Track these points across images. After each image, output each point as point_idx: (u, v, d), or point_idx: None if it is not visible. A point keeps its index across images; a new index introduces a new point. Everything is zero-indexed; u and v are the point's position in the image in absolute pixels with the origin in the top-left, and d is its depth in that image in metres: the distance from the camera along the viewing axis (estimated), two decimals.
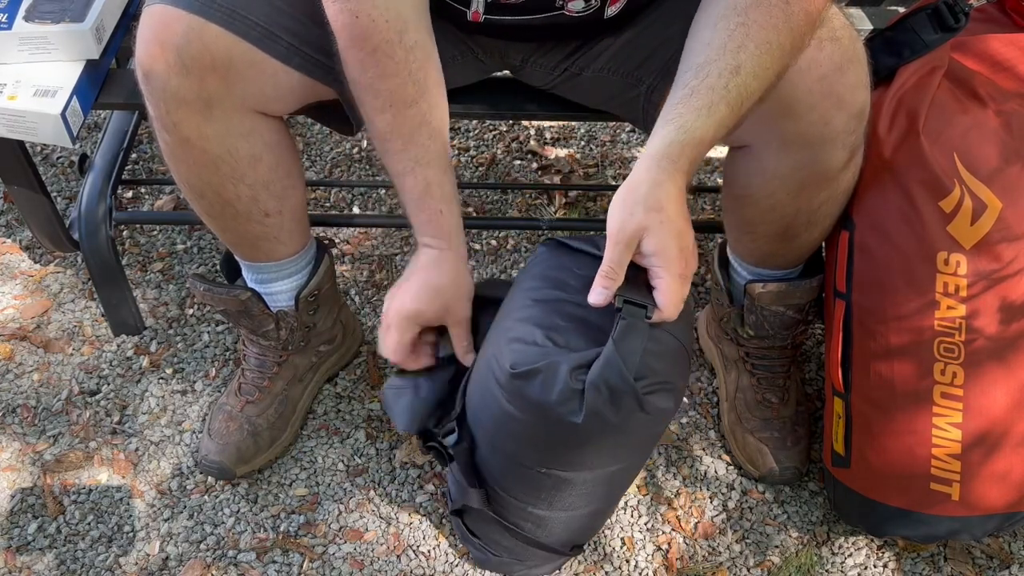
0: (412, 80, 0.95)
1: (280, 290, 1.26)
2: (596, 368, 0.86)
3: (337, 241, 1.66)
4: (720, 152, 1.83)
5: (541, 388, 0.89)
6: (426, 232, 1.02)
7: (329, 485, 1.31)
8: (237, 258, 1.24)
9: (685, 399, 1.42)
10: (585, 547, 1.24)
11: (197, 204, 1.12)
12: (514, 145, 1.87)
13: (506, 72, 1.24)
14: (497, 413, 0.97)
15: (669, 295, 0.87)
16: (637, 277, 0.87)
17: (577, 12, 1.03)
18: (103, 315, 1.50)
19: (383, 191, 1.74)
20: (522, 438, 0.98)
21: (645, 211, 0.83)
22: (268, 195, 1.11)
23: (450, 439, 1.06)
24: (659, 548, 1.26)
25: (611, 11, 1.04)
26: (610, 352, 0.86)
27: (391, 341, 1.06)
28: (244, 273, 1.26)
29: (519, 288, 1.00)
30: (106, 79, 1.26)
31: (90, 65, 1.21)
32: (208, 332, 1.51)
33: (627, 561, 1.24)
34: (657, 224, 0.84)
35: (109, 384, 1.43)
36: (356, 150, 1.85)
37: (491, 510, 1.08)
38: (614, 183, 1.77)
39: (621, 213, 0.84)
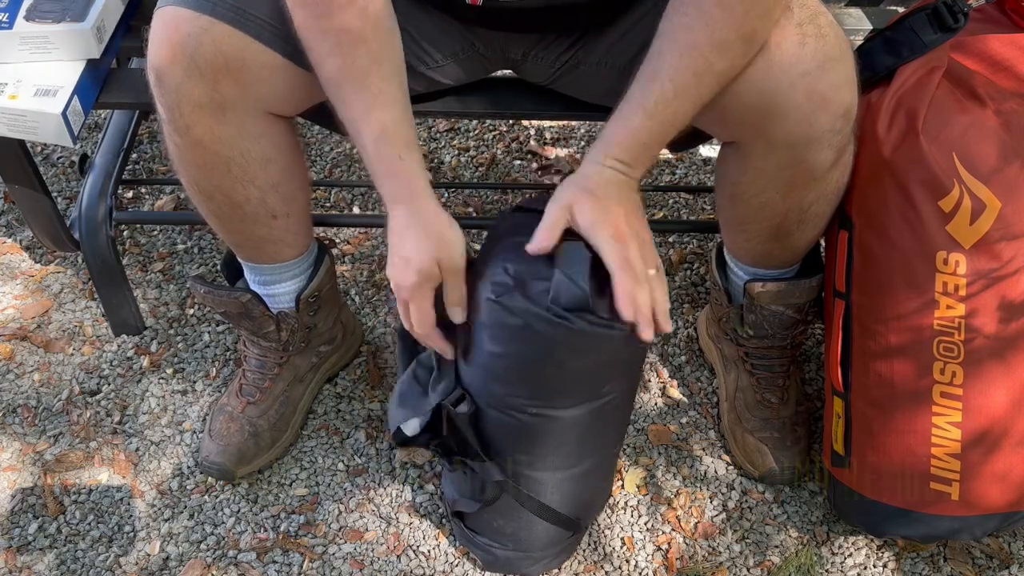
0: (360, 16, 0.91)
1: (282, 292, 1.26)
2: (552, 288, 0.93)
3: (337, 241, 1.66)
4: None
5: (521, 297, 0.94)
6: (390, 187, 0.96)
7: (329, 485, 1.31)
8: (240, 260, 1.24)
9: (685, 399, 1.42)
10: (586, 529, 1.23)
11: (205, 206, 1.11)
12: (514, 145, 1.87)
13: (507, 72, 1.23)
14: (486, 361, 1.00)
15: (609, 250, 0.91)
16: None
17: None
18: (103, 315, 1.50)
19: None
20: (509, 374, 1.00)
21: (573, 191, 0.94)
22: (277, 198, 1.11)
23: (462, 407, 1.03)
24: (659, 548, 1.26)
25: None
26: (558, 274, 0.93)
27: (414, 315, 0.99)
28: (246, 275, 1.26)
29: (490, 257, 1.02)
30: (107, 79, 1.26)
31: (91, 64, 1.21)
32: (208, 332, 1.51)
33: (627, 561, 1.24)
34: (582, 201, 0.92)
35: (109, 384, 1.44)
36: (356, 150, 1.84)
37: (509, 478, 1.08)
38: None
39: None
